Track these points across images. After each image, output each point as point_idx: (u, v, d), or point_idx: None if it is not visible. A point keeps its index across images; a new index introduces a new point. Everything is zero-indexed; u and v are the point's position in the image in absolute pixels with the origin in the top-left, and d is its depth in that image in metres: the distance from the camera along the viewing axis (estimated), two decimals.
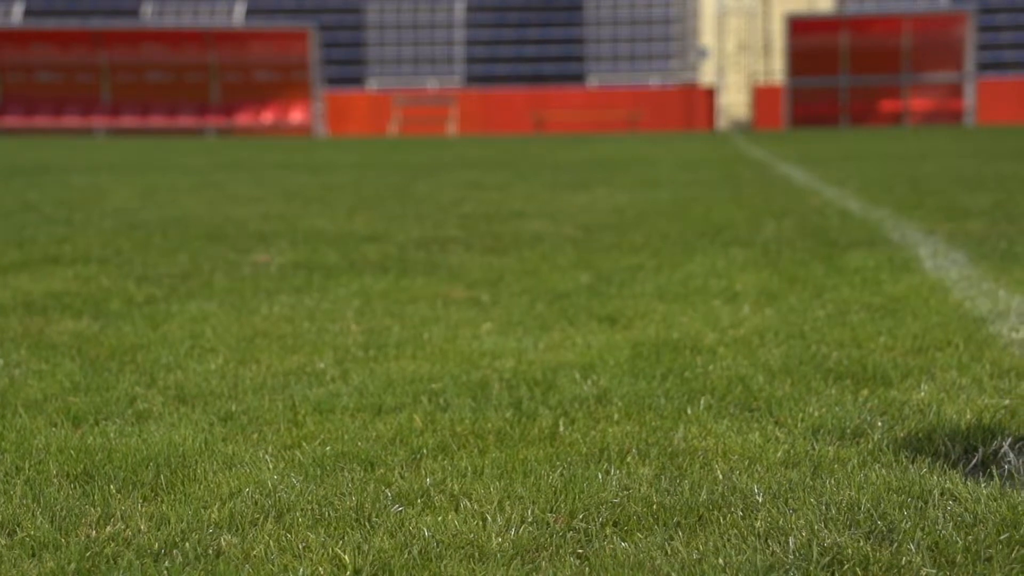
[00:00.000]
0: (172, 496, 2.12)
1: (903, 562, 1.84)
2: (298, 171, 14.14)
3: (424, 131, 41.95)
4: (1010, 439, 2.38)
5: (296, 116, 44.40)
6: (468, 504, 2.10)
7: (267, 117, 44.25)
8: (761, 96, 44.84)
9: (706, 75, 46.34)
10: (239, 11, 46.60)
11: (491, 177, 12.28)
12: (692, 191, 9.51)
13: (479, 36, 47.13)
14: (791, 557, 1.87)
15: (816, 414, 2.63)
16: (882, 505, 2.06)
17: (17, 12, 45.82)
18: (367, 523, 2.01)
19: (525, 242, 5.84)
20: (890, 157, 15.53)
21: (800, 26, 44.52)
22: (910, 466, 2.25)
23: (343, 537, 1.94)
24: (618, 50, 47.08)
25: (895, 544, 1.90)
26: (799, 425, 2.56)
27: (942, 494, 2.11)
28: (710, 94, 44.94)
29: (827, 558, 1.87)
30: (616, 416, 2.66)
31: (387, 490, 2.15)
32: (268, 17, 46.34)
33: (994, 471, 2.21)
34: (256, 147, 24.82)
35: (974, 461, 2.29)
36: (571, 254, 5.36)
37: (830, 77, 43.90)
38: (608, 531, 2.00)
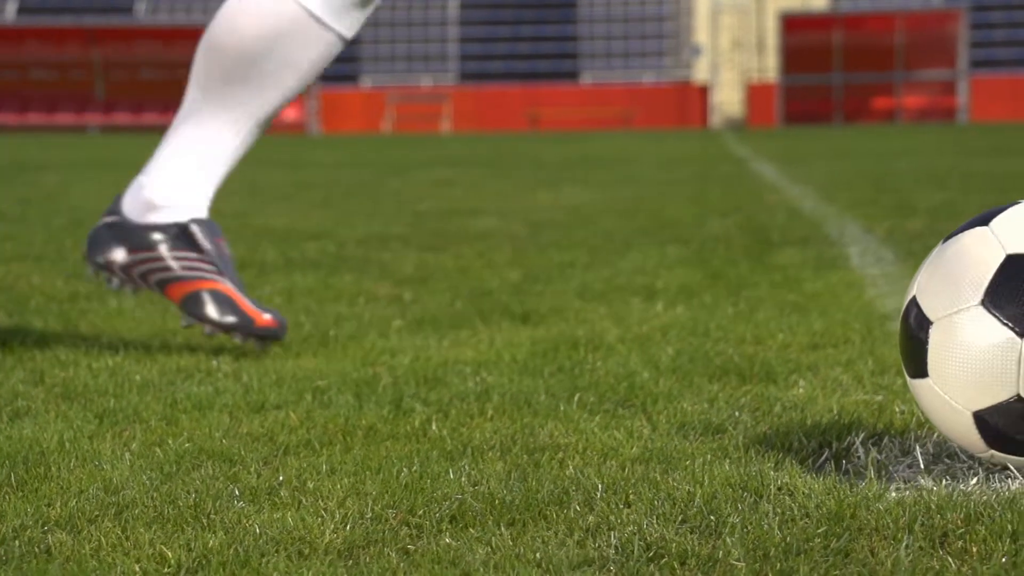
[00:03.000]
0: (20, 494, 2.14)
1: (719, 556, 1.86)
2: (276, 168, 14.18)
3: (418, 128, 41.97)
4: (863, 435, 2.40)
5: (290, 114, 44.44)
6: (312, 501, 2.12)
7: None
8: (754, 93, 44.87)
9: (700, 72, 46.40)
10: None
11: (465, 174, 12.32)
12: (657, 189, 9.55)
13: (473, 33, 47.17)
14: (612, 552, 1.89)
15: (689, 410, 2.66)
16: (716, 500, 2.08)
17: (10, 10, 45.83)
18: (205, 520, 2.03)
19: (467, 239, 5.87)
20: (869, 154, 15.58)
21: (793, 23, 44.54)
22: (757, 462, 2.27)
23: (177, 534, 1.96)
24: (612, 47, 47.13)
25: (718, 538, 1.93)
26: (667, 422, 2.58)
27: (779, 489, 2.13)
28: (704, 91, 44.96)
29: (649, 553, 1.89)
30: (491, 413, 2.68)
31: (235, 487, 2.17)
32: None
33: (831, 466, 2.24)
34: None
35: (824, 457, 2.31)
36: (509, 251, 5.39)
37: (823, 75, 43.92)
38: (444, 527, 2.02)
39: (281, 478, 2.23)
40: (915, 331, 2.22)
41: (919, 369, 2.22)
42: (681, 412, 2.64)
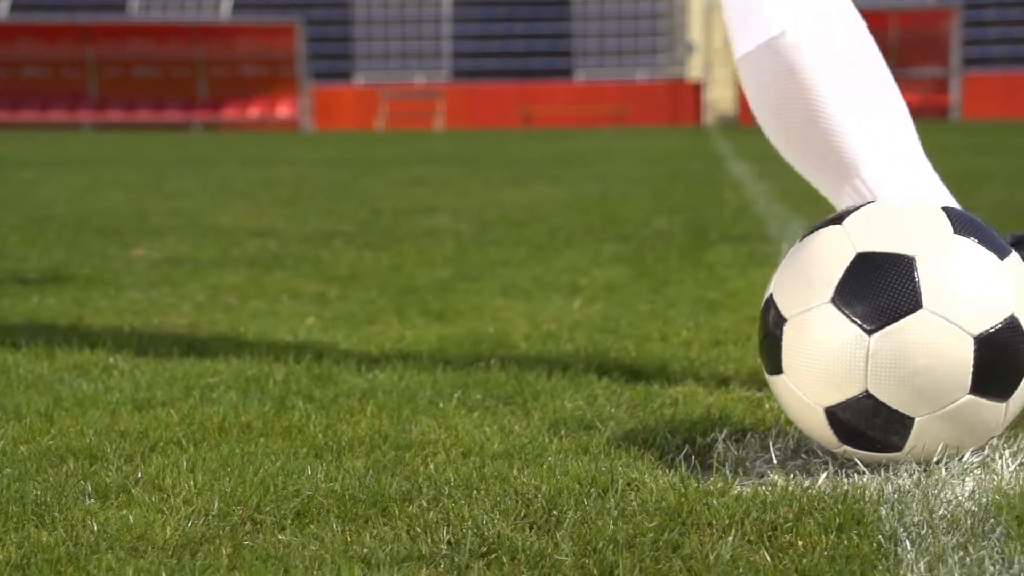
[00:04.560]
0: None
1: (549, 550, 1.87)
2: (251, 166, 14.18)
3: (411, 126, 41.92)
4: (727, 431, 2.41)
5: (283, 111, 44.39)
6: (162, 498, 2.13)
7: (254, 112, 44.26)
8: None
9: (693, 70, 46.33)
10: (226, 6, 46.62)
11: (440, 173, 12.32)
12: (623, 187, 9.55)
13: (466, 31, 47.10)
14: (444, 547, 1.90)
15: (567, 407, 2.66)
16: (562, 496, 2.09)
17: (3, 7, 45.82)
18: (48, 517, 2.03)
19: (412, 237, 5.88)
20: None
21: None
22: (614, 458, 2.28)
23: (14, 532, 1.97)
24: (605, 45, 47.07)
25: (554, 533, 1.93)
26: (541, 419, 2.59)
27: (628, 485, 2.14)
28: (697, 89, 44.87)
29: (483, 548, 1.90)
30: (371, 410, 2.69)
31: (89, 485, 2.18)
32: (255, 12, 46.31)
33: (689, 461, 2.24)
34: (234, 142, 24.85)
35: (683, 453, 2.32)
36: (449, 249, 5.40)
37: None
38: (287, 523, 2.02)
39: (140, 475, 2.24)
40: (771, 328, 2.23)
41: (775, 366, 2.23)
42: (559, 409, 2.65)
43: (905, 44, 43.48)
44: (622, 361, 3.09)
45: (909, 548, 1.78)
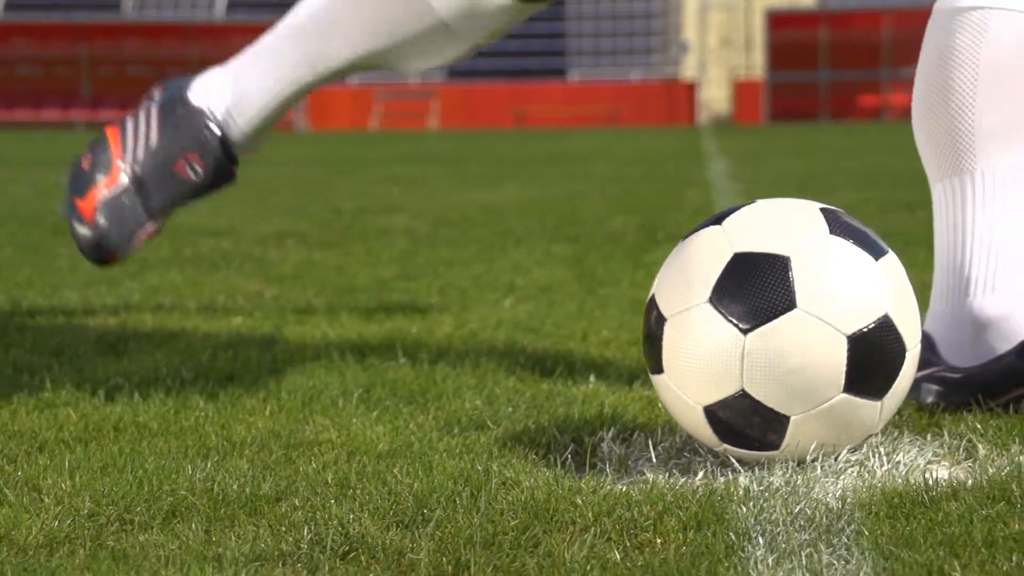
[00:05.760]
0: None
1: (409, 549, 1.87)
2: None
3: (405, 125, 41.90)
4: (615, 430, 2.41)
5: None
6: (35, 499, 2.12)
7: None
8: (741, 91, 44.80)
9: (688, 70, 46.34)
10: (220, 5, 46.61)
11: (417, 172, 12.32)
12: (592, 186, 9.56)
13: None
14: (304, 547, 1.89)
15: (466, 407, 2.65)
16: (435, 495, 2.08)
17: None
18: None
19: (364, 237, 5.88)
20: (827, 152, 15.58)
21: (779, 21, 44.49)
22: (494, 457, 2.27)
23: None
24: (600, 45, 47.08)
25: (418, 532, 1.93)
26: (436, 418, 2.58)
27: (503, 484, 2.13)
28: (691, 89, 44.87)
29: (345, 547, 1.89)
30: (271, 409, 2.68)
31: None
32: (250, 11, 46.28)
33: (559, 462, 2.24)
34: None
35: (568, 451, 2.31)
36: (399, 248, 5.40)
37: (810, 72, 43.86)
38: (154, 523, 2.02)
39: (19, 475, 2.23)
40: (653, 328, 2.24)
41: (656, 365, 2.23)
42: (457, 409, 2.64)
43: (898, 44, 43.43)
44: (535, 360, 3.08)
45: (760, 545, 1.78)
